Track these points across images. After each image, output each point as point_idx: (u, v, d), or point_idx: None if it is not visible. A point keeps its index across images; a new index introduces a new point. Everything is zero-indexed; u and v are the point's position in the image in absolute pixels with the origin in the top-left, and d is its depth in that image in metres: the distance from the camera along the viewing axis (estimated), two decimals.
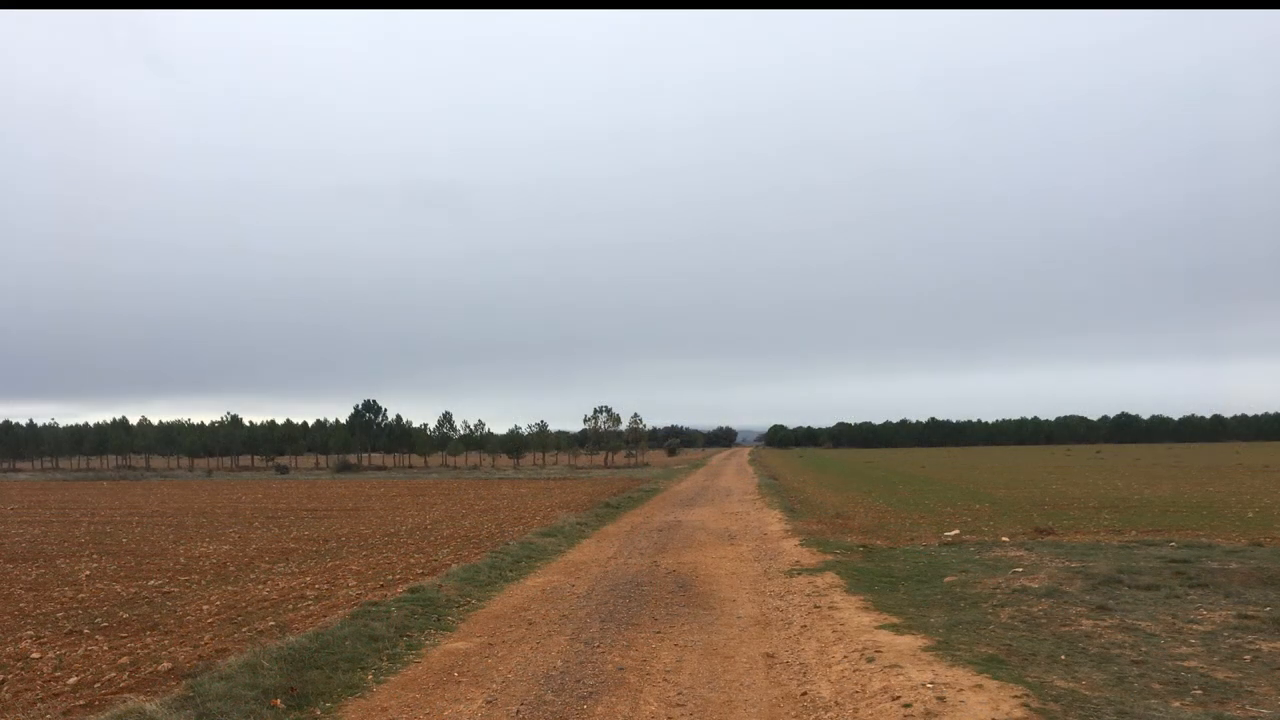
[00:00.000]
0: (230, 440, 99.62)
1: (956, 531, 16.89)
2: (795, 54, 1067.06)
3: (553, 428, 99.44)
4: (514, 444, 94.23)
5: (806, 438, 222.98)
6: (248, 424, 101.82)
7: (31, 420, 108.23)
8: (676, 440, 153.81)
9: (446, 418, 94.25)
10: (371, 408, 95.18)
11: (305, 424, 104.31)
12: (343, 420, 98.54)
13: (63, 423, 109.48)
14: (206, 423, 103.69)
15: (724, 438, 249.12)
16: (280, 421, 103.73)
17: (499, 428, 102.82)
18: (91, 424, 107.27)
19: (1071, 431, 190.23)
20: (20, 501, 38.65)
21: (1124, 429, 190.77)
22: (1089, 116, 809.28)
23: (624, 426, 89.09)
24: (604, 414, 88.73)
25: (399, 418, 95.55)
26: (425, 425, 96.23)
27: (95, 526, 24.62)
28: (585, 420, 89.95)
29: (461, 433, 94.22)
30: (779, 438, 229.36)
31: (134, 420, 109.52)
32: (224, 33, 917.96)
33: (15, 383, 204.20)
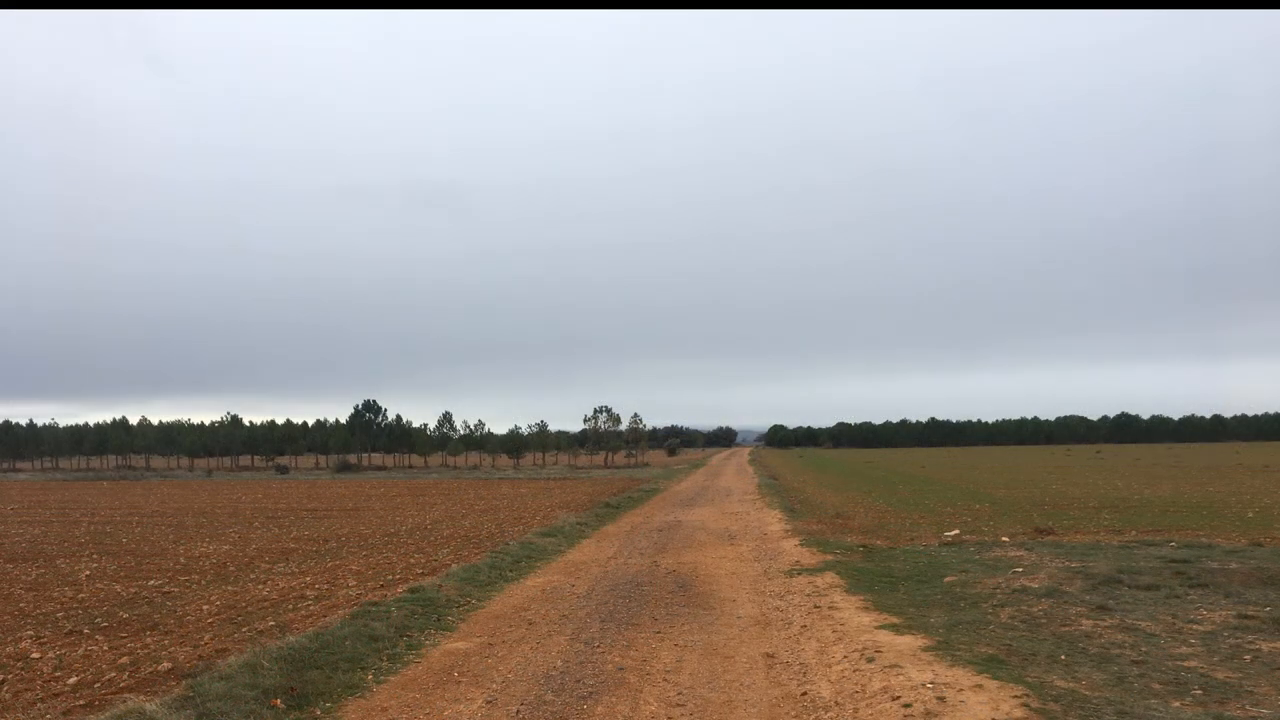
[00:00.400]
0: (230, 440, 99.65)
1: (956, 531, 16.89)
2: (795, 54, 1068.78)
3: (553, 428, 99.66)
4: (514, 444, 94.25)
5: (806, 438, 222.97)
6: (248, 424, 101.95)
7: (31, 420, 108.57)
8: (676, 440, 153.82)
9: (446, 418, 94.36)
10: (371, 408, 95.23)
11: (305, 424, 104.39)
12: (343, 420, 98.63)
13: (63, 423, 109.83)
14: (206, 423, 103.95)
15: (724, 438, 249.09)
16: (280, 421, 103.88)
17: (499, 428, 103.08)
18: (91, 424, 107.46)
19: (1071, 431, 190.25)
20: (20, 501, 38.65)
21: (1124, 429, 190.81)
22: (1089, 116, 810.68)
23: (624, 426, 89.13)
24: (604, 414, 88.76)
25: (399, 418, 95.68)
26: (425, 425, 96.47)
27: (95, 526, 24.62)
28: (585, 420, 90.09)
29: (461, 433, 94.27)
30: (779, 438, 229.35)
31: (134, 420, 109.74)
32: (224, 33, 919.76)
33: (15, 383, 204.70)
